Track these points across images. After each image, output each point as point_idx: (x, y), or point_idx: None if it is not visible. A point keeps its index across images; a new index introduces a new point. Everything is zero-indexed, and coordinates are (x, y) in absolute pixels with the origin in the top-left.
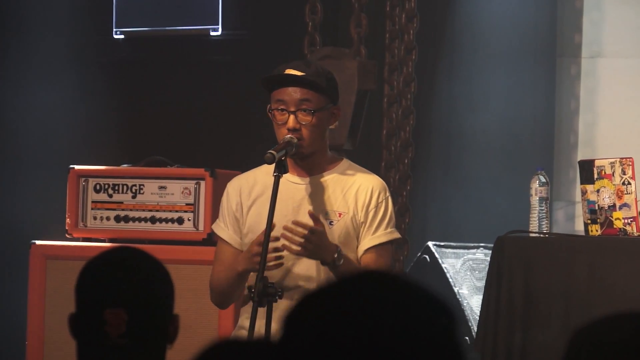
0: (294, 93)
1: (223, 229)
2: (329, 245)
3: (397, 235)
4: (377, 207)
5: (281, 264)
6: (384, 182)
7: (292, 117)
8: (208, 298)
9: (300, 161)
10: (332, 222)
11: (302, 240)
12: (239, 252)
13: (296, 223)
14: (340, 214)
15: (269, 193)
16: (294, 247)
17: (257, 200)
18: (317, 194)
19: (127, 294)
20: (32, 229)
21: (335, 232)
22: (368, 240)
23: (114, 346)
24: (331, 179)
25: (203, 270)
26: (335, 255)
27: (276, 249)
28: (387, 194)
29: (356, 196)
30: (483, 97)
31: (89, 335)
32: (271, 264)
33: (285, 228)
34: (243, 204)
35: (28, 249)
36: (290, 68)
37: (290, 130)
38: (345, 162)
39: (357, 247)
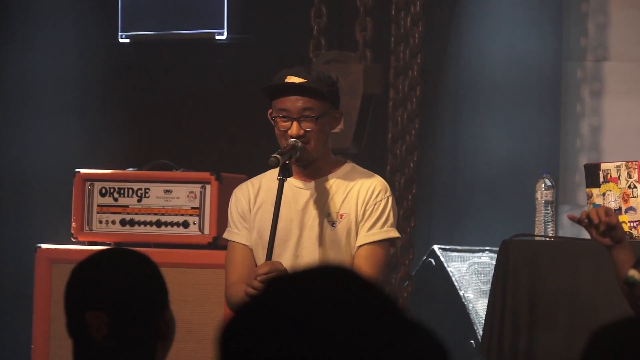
0: (296, 101)
1: (234, 233)
2: None
3: (394, 234)
4: (375, 205)
5: None
6: (385, 183)
7: (295, 124)
8: (213, 301)
9: (303, 167)
10: (334, 223)
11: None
12: (251, 250)
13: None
14: (342, 216)
15: (274, 198)
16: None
17: (262, 205)
18: (320, 197)
19: (106, 297)
20: (38, 233)
21: (338, 233)
22: (362, 237)
23: (101, 348)
24: (334, 182)
25: (208, 274)
26: None
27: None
28: (388, 193)
29: (357, 196)
30: (489, 100)
31: (78, 337)
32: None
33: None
34: (251, 208)
35: (34, 252)
36: (291, 75)
37: (293, 137)
38: (349, 165)
39: None
